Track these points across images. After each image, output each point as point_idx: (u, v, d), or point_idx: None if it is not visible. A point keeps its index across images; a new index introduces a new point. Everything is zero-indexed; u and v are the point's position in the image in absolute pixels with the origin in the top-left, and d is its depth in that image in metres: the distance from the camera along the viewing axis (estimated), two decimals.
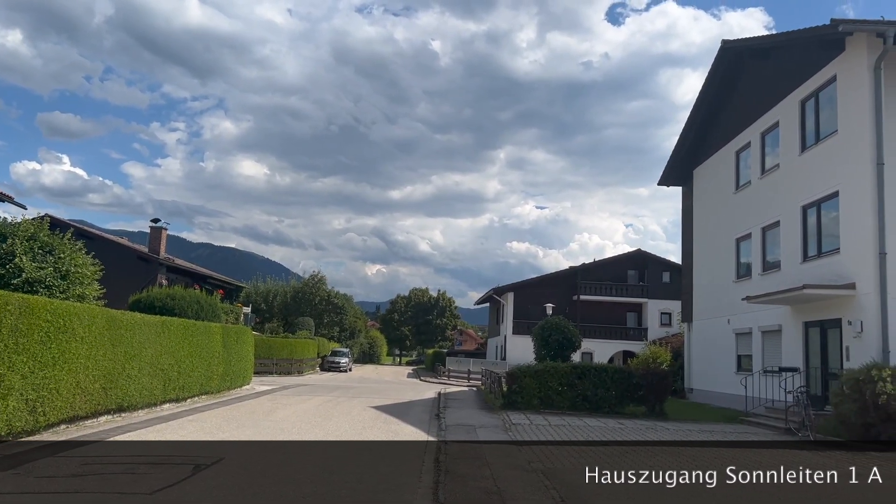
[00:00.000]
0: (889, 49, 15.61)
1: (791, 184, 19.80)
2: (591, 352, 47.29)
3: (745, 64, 23.58)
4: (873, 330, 15.58)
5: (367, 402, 21.19)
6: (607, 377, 19.60)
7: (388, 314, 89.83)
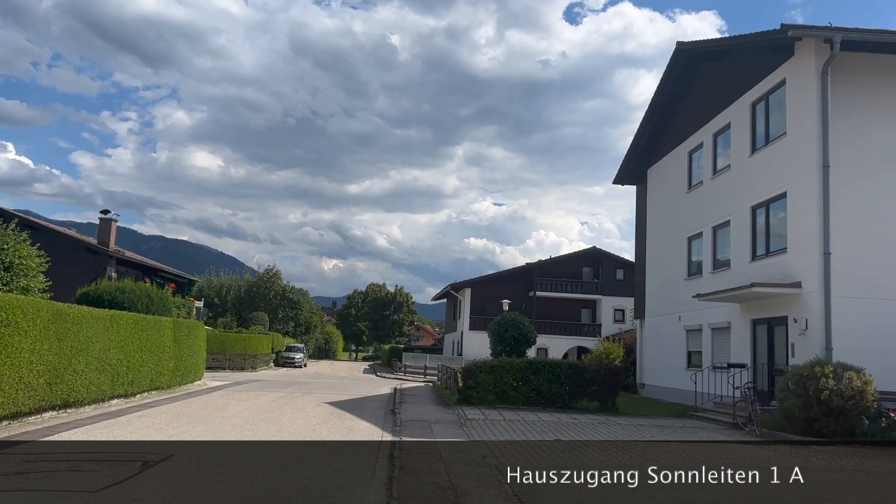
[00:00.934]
0: (836, 55, 16.08)
1: (741, 184, 20.27)
2: (547, 347, 47.78)
3: (698, 66, 24.05)
4: (817, 328, 16.06)
5: (321, 397, 21.03)
6: (561, 373, 19.82)
7: (345, 309, 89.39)
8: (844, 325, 15.85)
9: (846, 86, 16.79)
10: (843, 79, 16.70)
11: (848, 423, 14.20)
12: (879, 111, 17.01)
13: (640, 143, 28.06)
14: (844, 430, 14.18)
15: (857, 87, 16.98)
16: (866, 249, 16.46)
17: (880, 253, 16.46)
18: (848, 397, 13.98)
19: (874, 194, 16.70)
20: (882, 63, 17.04)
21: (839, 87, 16.65)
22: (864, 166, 16.74)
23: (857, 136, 16.79)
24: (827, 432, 14.14)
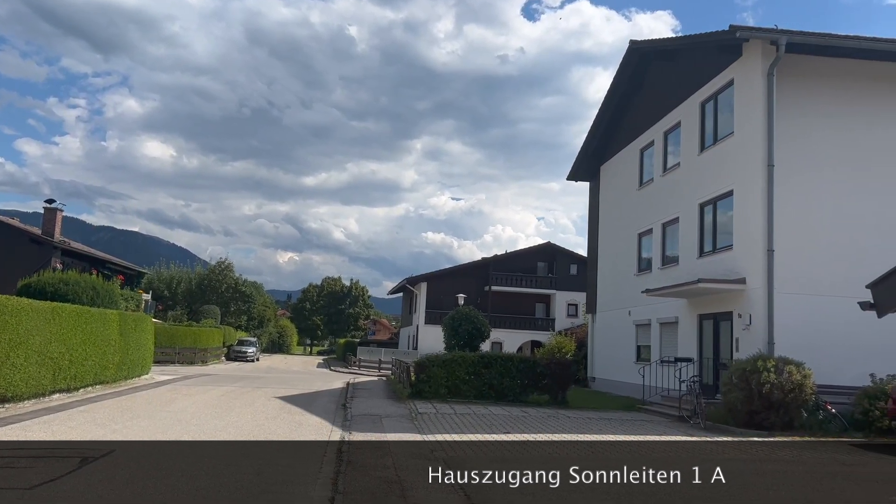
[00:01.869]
0: (781, 57, 16.49)
1: (690, 182, 20.68)
2: (501, 342, 48.11)
3: (651, 65, 24.42)
4: (760, 323, 16.50)
5: (272, 392, 20.80)
6: (513, 366, 19.97)
7: (300, 303, 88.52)
8: (786, 321, 16.30)
9: (791, 87, 17.24)
10: (788, 80, 17.14)
11: (787, 416, 14.64)
12: (821, 112, 17.51)
13: (593, 140, 28.40)
14: (784, 422, 14.61)
15: (802, 88, 17.45)
16: (808, 247, 16.95)
17: (821, 250, 16.96)
18: (788, 391, 14.40)
19: (816, 194, 17.20)
20: (825, 66, 17.53)
21: (784, 89, 17.09)
22: (807, 166, 17.23)
23: (801, 137, 17.27)
24: (767, 425, 14.56)
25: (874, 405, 14.64)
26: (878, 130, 17.55)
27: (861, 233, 16.98)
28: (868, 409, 14.73)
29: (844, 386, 15.66)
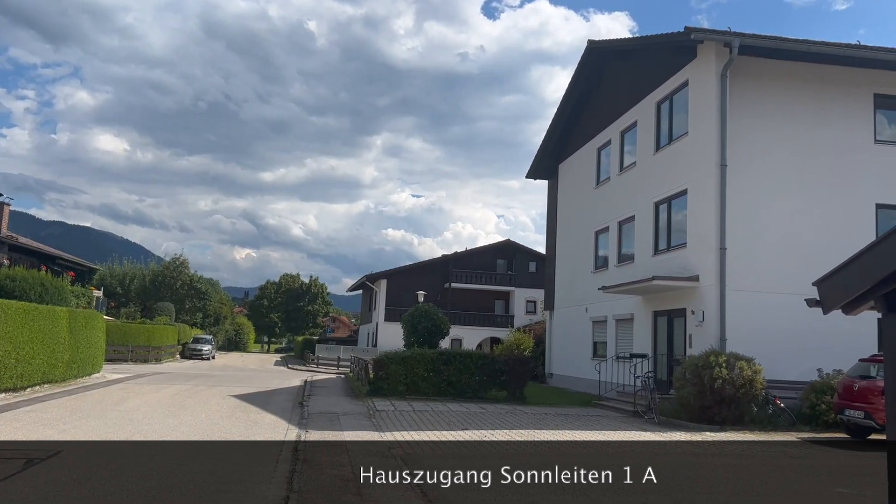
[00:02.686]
0: (734, 59, 16.84)
1: (646, 181, 20.99)
2: (461, 338, 48.23)
3: (608, 64, 24.71)
4: (713, 319, 16.84)
5: (227, 390, 20.50)
6: (472, 363, 20.03)
7: (257, 300, 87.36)
8: (737, 318, 16.67)
9: (744, 88, 17.62)
10: (741, 82, 17.52)
11: (738, 411, 14.99)
12: (773, 114, 17.93)
13: (552, 138, 28.63)
14: (735, 416, 14.96)
15: (754, 90, 17.85)
16: (758, 245, 17.35)
17: (770, 249, 17.39)
18: (739, 386, 14.74)
19: (766, 193, 17.62)
20: (776, 68, 17.96)
21: (737, 90, 17.46)
22: (758, 166, 17.63)
23: (752, 137, 17.66)
24: (719, 419, 14.88)
25: (821, 399, 15.09)
26: (826, 131, 18.05)
27: (809, 232, 17.44)
28: (815, 403, 15.18)
29: (793, 381, 16.11)
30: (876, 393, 13.02)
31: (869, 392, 13.42)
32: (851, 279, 4.68)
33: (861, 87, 18.30)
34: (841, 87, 18.24)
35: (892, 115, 18.72)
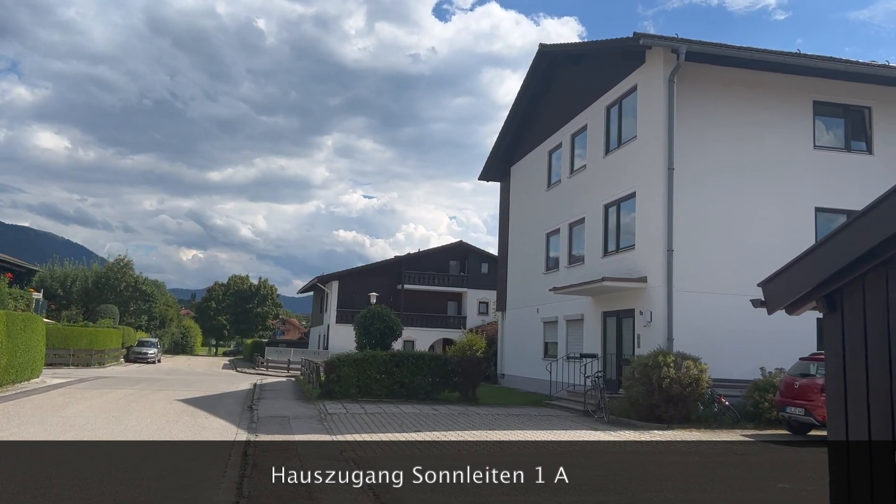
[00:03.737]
0: (681, 64, 17.22)
1: (596, 184, 21.31)
2: (413, 340, 48.15)
3: (559, 68, 25.00)
4: (660, 320, 17.18)
5: (174, 394, 20.03)
6: (424, 365, 20.02)
7: (205, 302, 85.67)
8: (684, 318, 17.03)
9: (691, 94, 18.03)
10: (687, 87, 17.92)
11: (685, 409, 15.32)
12: (718, 119, 18.40)
13: (504, 141, 28.84)
14: (682, 415, 15.28)
15: (700, 95, 18.28)
16: (704, 247, 17.77)
17: (716, 250, 17.82)
18: (686, 384, 15.07)
19: (712, 196, 18.05)
20: (721, 75, 18.43)
21: (684, 95, 17.85)
22: (704, 170, 18.06)
23: (699, 141, 18.09)
24: (667, 418, 15.18)
25: (764, 397, 15.54)
26: (768, 137, 18.59)
27: (752, 233, 17.93)
28: (758, 401, 15.62)
29: (737, 380, 16.54)
30: (815, 390, 13.46)
31: (809, 390, 13.87)
32: (794, 280, 4.82)
33: (801, 95, 18.92)
34: (782, 94, 18.82)
35: (830, 122, 19.42)
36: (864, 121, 19.39)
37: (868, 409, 4.24)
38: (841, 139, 19.35)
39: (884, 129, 19.20)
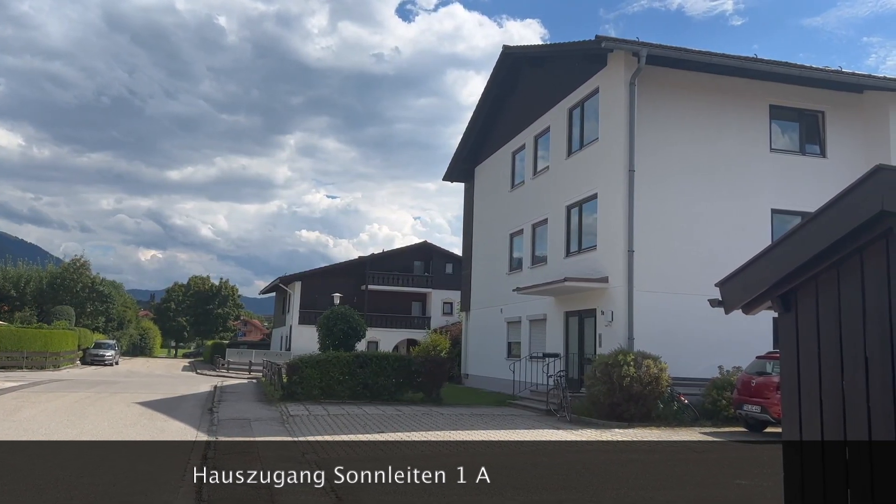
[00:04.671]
0: (642, 68, 17.46)
1: (558, 185, 21.50)
2: (378, 340, 47.96)
3: (523, 70, 25.15)
4: (621, 319, 17.39)
5: (132, 397, 19.65)
6: (388, 365, 19.95)
7: (164, 303, 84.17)
8: (645, 317, 17.27)
9: (651, 97, 18.29)
10: (648, 90, 18.18)
11: (646, 407, 15.53)
12: (678, 122, 18.70)
13: (468, 142, 28.91)
14: (643, 413, 15.49)
15: (661, 98, 18.56)
16: (664, 248, 18.04)
17: (675, 251, 18.10)
18: (646, 383, 15.28)
19: (671, 197, 18.33)
20: (681, 78, 18.74)
21: (645, 98, 18.11)
22: (664, 172, 18.33)
23: (659, 144, 18.36)
24: (628, 416, 15.37)
25: (721, 395, 15.84)
26: (726, 140, 18.96)
27: (711, 234, 18.26)
28: (716, 399, 15.92)
29: (696, 378, 16.82)
30: (771, 388, 13.77)
31: (765, 388, 14.18)
32: (750, 281, 4.92)
33: (758, 99, 19.34)
34: (740, 97, 19.21)
35: (786, 126, 19.89)
36: (817, 125, 19.90)
37: (821, 408, 4.35)
38: (796, 142, 19.84)
39: (836, 132, 19.73)
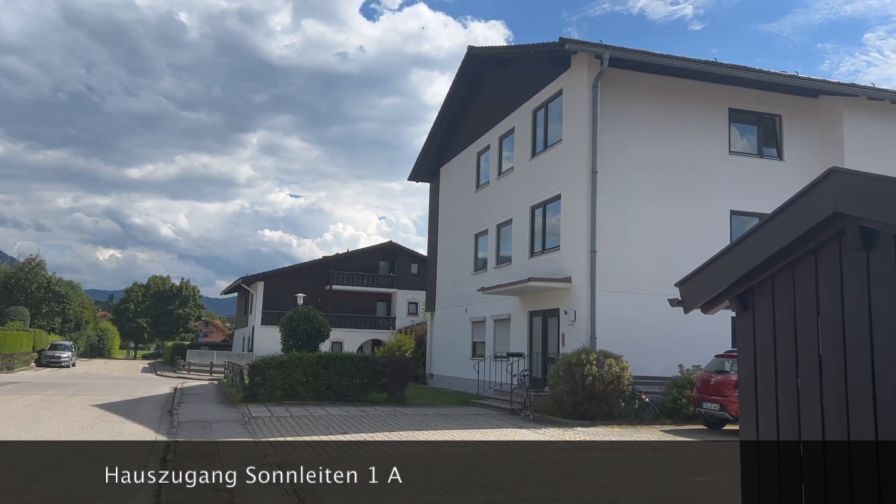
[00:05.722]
0: (605, 70, 17.64)
1: (523, 186, 21.62)
2: (342, 341, 47.69)
3: (488, 71, 25.23)
4: (584, 318, 17.55)
5: (89, 399, 19.23)
6: (352, 366, 19.85)
7: (123, 304, 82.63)
8: (607, 317, 17.45)
9: (614, 99, 18.49)
10: (611, 93, 18.38)
11: (608, 406, 15.69)
12: (640, 124, 18.94)
13: (433, 142, 28.91)
14: (605, 411, 15.65)
15: (623, 100, 18.77)
16: (626, 248, 18.25)
17: (636, 251, 18.33)
18: (608, 382, 15.43)
19: (633, 199, 18.56)
20: (643, 81, 18.98)
21: (608, 100, 18.29)
22: (626, 173, 18.55)
23: (622, 146, 18.56)
24: (590, 415, 15.52)
25: (682, 394, 16.09)
26: (687, 142, 19.26)
27: (671, 235, 18.53)
28: (676, 397, 16.17)
29: (657, 377, 17.05)
30: (730, 386, 14.03)
31: (724, 386, 14.44)
32: (709, 280, 4.99)
33: (717, 102, 19.68)
34: (700, 101, 19.53)
35: (745, 129, 20.28)
36: (775, 128, 20.34)
37: (777, 407, 4.43)
38: (754, 145, 20.25)
39: (793, 136, 20.19)
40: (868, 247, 3.75)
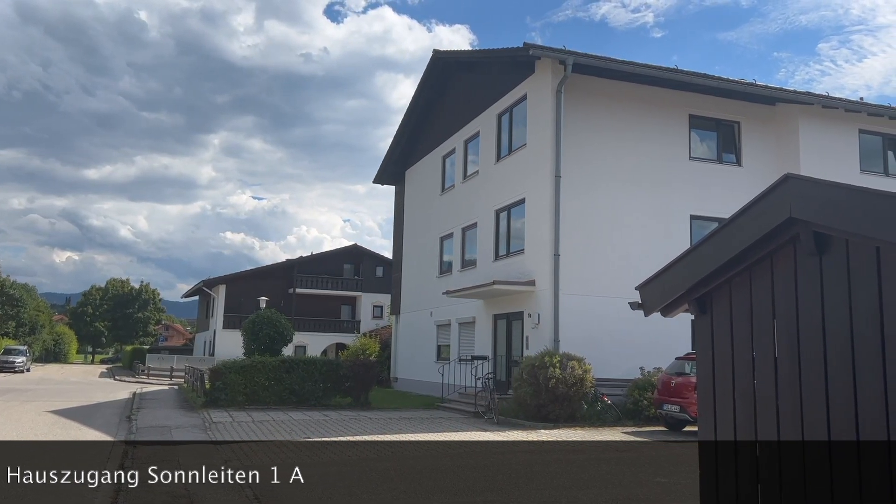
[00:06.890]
0: (569, 76, 17.82)
1: (488, 189, 21.71)
2: (305, 345, 47.24)
3: (453, 75, 25.30)
4: (548, 321, 17.68)
5: (44, 405, 18.74)
6: (316, 370, 19.70)
7: (81, 307, 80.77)
8: (570, 319, 17.59)
9: (577, 104, 18.69)
10: (574, 98, 18.57)
11: (571, 408, 15.83)
12: (602, 129, 19.17)
13: (398, 145, 28.87)
14: (568, 414, 15.78)
15: (586, 106, 18.98)
16: (588, 252, 18.44)
17: (599, 255, 18.54)
18: (571, 384, 15.56)
19: (595, 203, 18.77)
20: (606, 87, 19.22)
21: (571, 105, 18.48)
22: (588, 178, 18.75)
23: (585, 151, 18.77)
24: (553, 417, 15.63)
25: (643, 395, 16.30)
26: (648, 147, 19.54)
27: (633, 239, 18.77)
28: (638, 399, 16.37)
29: (619, 379, 17.25)
30: (690, 388, 14.25)
31: (684, 388, 14.67)
32: (668, 284, 5.06)
33: (678, 108, 20.02)
34: (661, 106, 19.84)
35: (704, 135, 20.67)
36: (734, 134, 20.76)
37: (734, 408, 4.52)
38: (714, 151, 20.64)
39: (751, 142, 20.63)
40: (821, 251, 3.83)
